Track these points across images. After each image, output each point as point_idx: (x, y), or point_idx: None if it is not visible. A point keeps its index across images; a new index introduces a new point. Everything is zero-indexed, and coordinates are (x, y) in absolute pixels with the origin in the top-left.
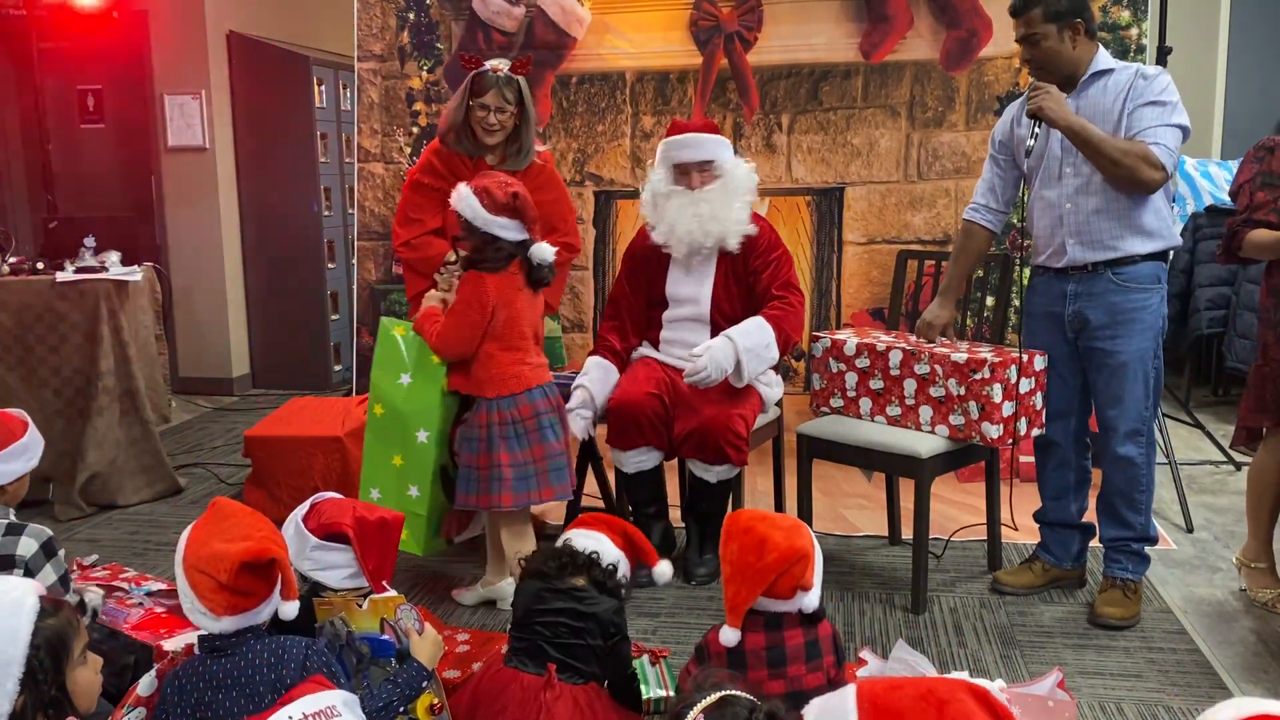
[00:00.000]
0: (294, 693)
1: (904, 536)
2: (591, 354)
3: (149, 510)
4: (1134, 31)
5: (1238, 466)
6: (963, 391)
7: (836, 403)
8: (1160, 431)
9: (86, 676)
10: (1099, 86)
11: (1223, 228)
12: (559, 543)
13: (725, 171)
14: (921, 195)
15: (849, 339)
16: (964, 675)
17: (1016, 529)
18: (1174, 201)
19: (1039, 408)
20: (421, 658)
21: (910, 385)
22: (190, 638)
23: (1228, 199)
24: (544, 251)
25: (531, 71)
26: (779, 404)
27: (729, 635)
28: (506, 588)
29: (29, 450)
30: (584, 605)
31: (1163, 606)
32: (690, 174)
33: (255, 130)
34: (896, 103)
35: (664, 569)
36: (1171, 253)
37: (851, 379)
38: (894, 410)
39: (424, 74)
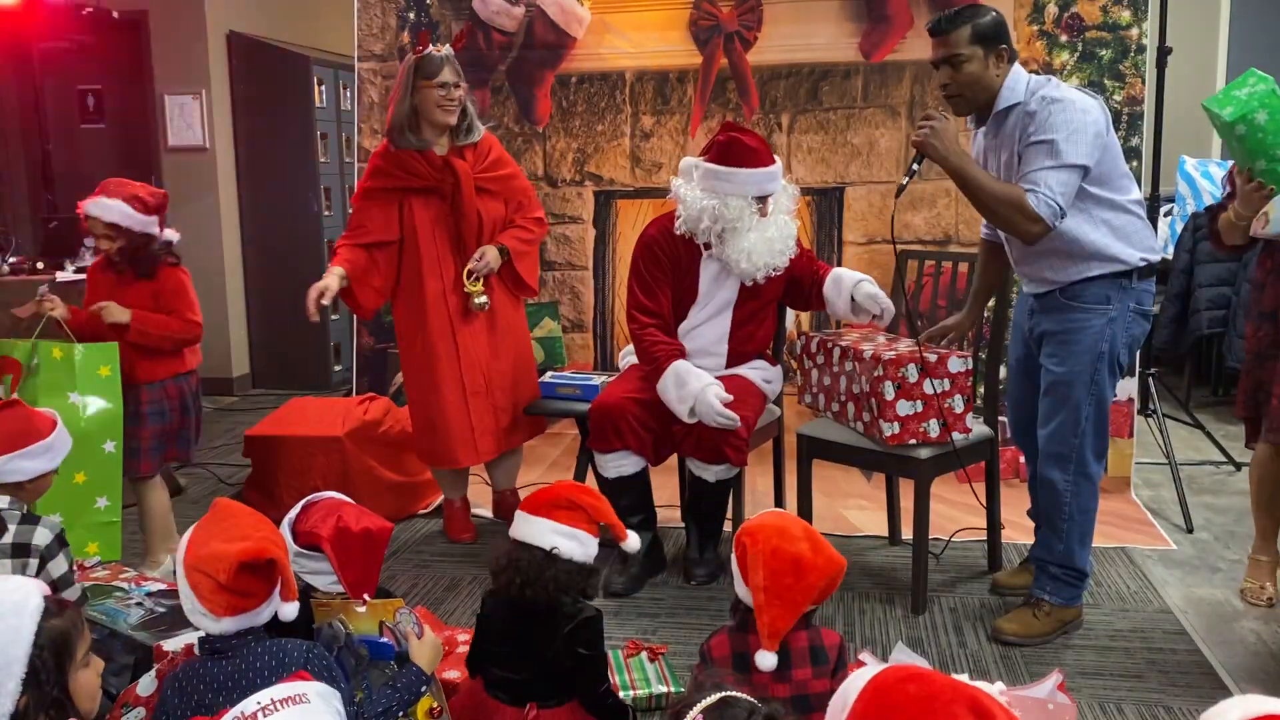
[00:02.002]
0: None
1: (904, 537)
2: (667, 359)
3: None
4: (1134, 31)
5: (1238, 466)
6: (867, 389)
7: (808, 399)
8: (1160, 432)
9: (88, 678)
10: (1009, 121)
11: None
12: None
13: (777, 192)
14: (922, 195)
15: (816, 336)
16: (963, 677)
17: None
18: (1173, 201)
19: (959, 411)
20: (421, 662)
21: (843, 382)
22: (190, 638)
23: None
24: (173, 237)
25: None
26: (779, 403)
27: (769, 660)
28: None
29: (53, 450)
30: (550, 626)
31: (1163, 606)
32: (766, 201)
33: (255, 130)
34: (896, 103)
35: (632, 541)
36: (1137, 272)
37: (815, 375)
38: (835, 407)
39: None
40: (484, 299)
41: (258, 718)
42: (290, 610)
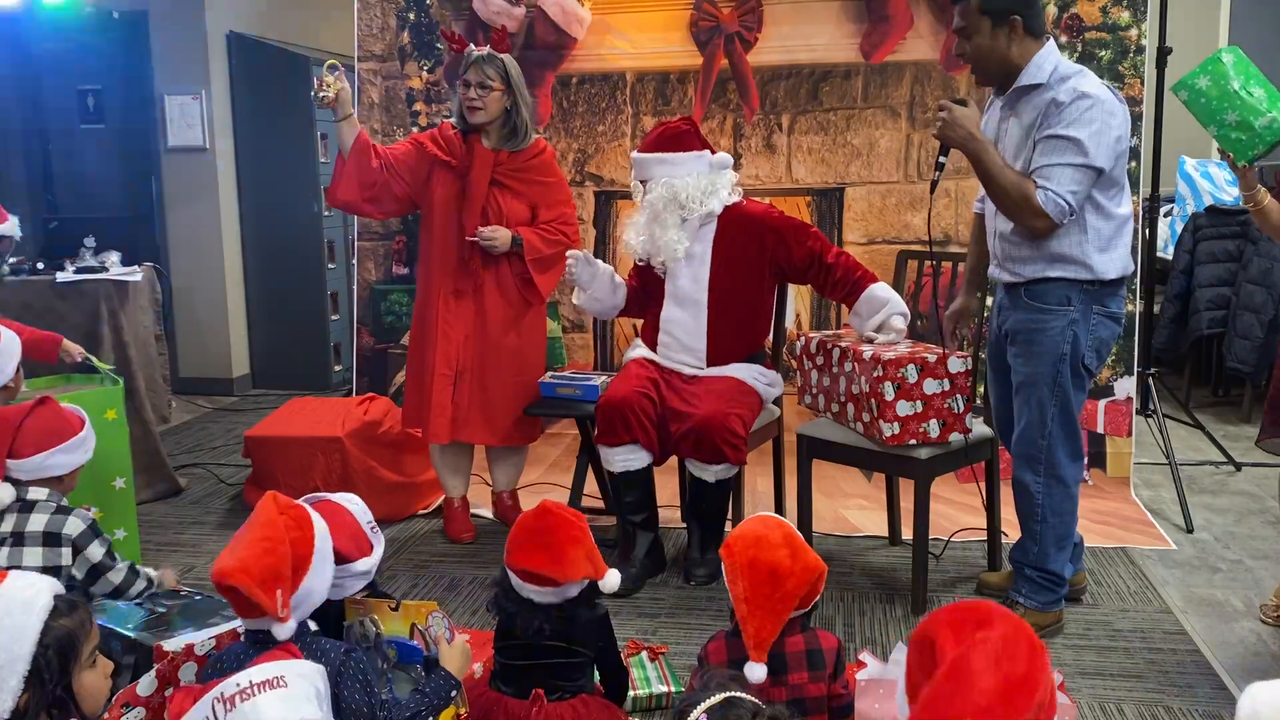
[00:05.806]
0: (256, 660)
1: (904, 537)
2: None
3: (149, 510)
4: (1134, 32)
5: (1238, 467)
6: (867, 389)
7: (807, 400)
8: (1160, 432)
9: (94, 680)
10: (1027, 103)
11: (1223, 228)
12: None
13: (660, 185)
14: (921, 195)
15: (815, 337)
16: None
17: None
18: (1173, 201)
19: (959, 411)
20: (451, 667)
21: (842, 383)
22: (190, 637)
23: (1228, 199)
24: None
25: (509, 48)
26: (778, 403)
27: (758, 672)
28: None
29: (86, 443)
30: (560, 622)
31: (1163, 606)
32: (646, 185)
33: (255, 130)
34: (896, 103)
35: (610, 580)
36: (1101, 282)
37: (814, 377)
38: (835, 408)
39: (424, 74)
40: (328, 94)
41: (235, 701)
42: (283, 630)
